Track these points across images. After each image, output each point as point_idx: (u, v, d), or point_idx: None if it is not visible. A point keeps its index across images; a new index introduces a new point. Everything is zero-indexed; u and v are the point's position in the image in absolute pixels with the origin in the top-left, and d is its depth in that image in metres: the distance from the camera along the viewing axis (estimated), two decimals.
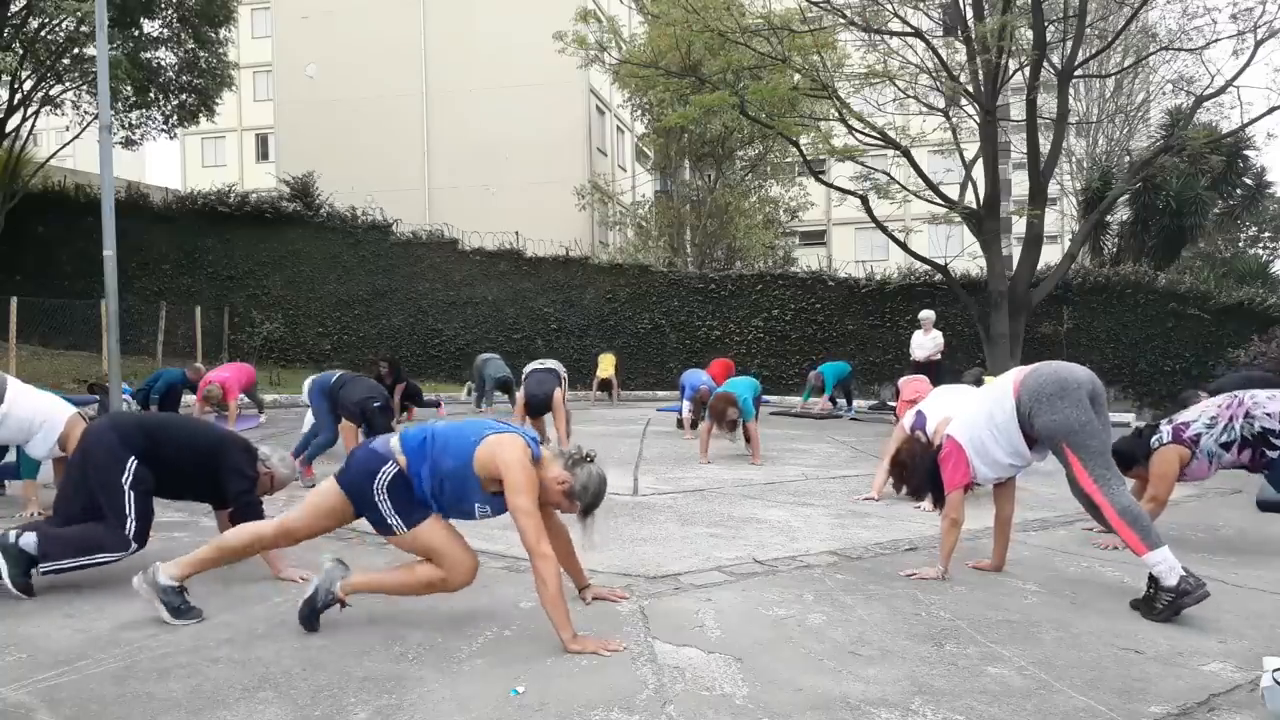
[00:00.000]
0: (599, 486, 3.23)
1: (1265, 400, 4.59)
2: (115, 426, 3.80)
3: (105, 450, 3.67)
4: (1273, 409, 4.53)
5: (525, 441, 3.17)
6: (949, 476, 4.05)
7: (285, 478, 4.06)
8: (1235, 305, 14.87)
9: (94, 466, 3.67)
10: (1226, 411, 4.62)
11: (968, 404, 4.24)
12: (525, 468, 3.08)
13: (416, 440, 3.20)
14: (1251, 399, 4.61)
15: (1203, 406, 4.77)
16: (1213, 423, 4.62)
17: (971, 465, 4.00)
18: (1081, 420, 3.68)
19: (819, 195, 26.25)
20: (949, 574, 4.04)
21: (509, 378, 12.00)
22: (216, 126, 28.67)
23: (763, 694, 2.68)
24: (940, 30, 14.73)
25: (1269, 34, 12.29)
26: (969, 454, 4.00)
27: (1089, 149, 25.12)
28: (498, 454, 3.09)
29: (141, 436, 3.74)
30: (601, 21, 17.53)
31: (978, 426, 4.01)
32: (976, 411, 4.08)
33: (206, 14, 16.94)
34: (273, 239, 18.47)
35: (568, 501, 3.20)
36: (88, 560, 3.58)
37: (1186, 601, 3.41)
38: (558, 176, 24.10)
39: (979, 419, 4.03)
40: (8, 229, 16.29)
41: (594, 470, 3.22)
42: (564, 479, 3.17)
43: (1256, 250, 26.10)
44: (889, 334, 16.48)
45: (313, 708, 2.56)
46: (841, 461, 8.30)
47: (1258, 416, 4.53)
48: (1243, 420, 4.56)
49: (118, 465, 3.63)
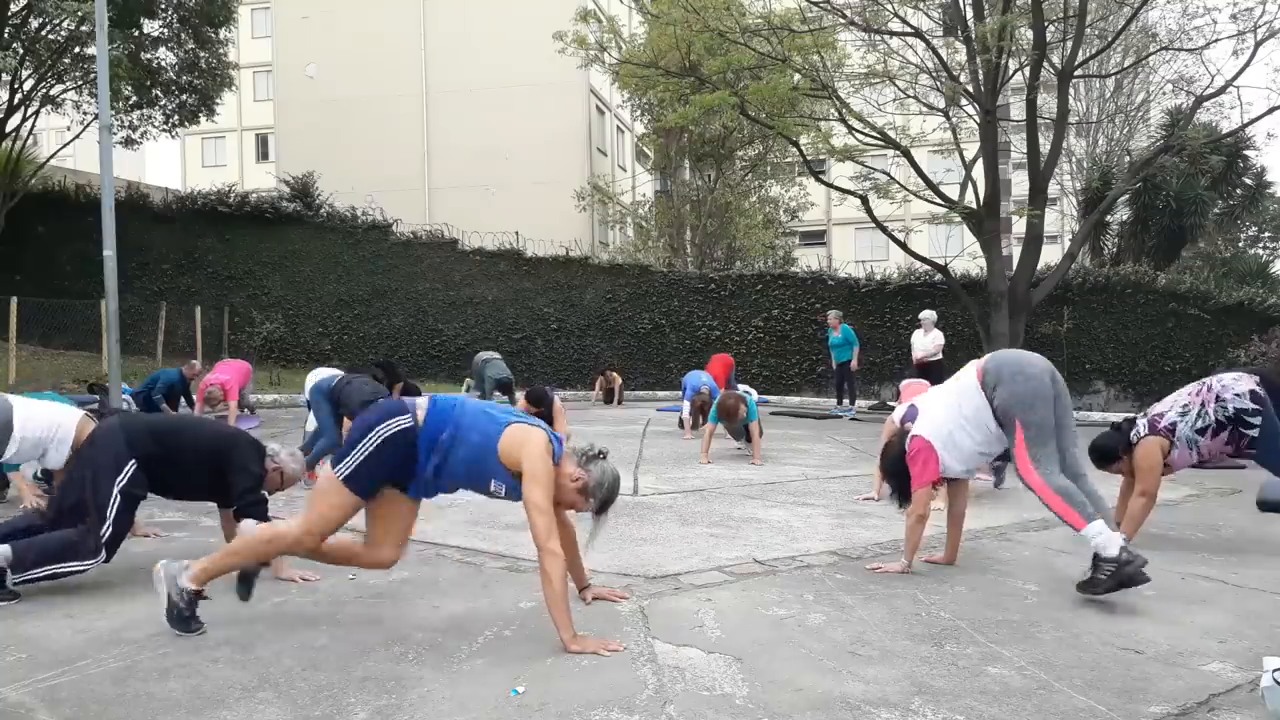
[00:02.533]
0: (613, 483, 3.23)
1: (1231, 382, 4.66)
2: (125, 427, 3.79)
3: (109, 449, 3.67)
4: (1241, 389, 4.60)
5: (549, 438, 3.17)
6: (917, 474, 4.08)
7: (295, 473, 4.05)
8: (1235, 305, 14.87)
9: (94, 463, 3.67)
10: (1197, 399, 4.70)
11: (934, 401, 4.27)
12: (546, 463, 3.08)
13: (447, 404, 3.21)
14: (1219, 382, 4.69)
15: (1174, 397, 4.86)
16: (1185, 410, 4.70)
17: (941, 461, 4.05)
18: (1038, 393, 3.80)
19: (819, 195, 26.24)
20: (911, 568, 4.13)
21: (509, 378, 12.01)
22: (216, 126, 28.68)
23: (763, 694, 2.68)
24: (940, 30, 14.73)
25: (1269, 34, 12.29)
26: (938, 450, 4.04)
27: (1089, 149, 25.11)
28: (523, 443, 3.09)
29: (150, 440, 3.73)
30: (601, 21, 17.54)
31: (946, 421, 4.06)
32: (943, 405, 4.13)
33: (206, 14, 16.94)
34: (273, 239, 18.47)
35: (582, 499, 3.19)
36: (58, 568, 3.53)
37: (1129, 570, 3.48)
38: (558, 176, 24.10)
39: (946, 413, 4.08)
40: (8, 229, 16.29)
41: (608, 468, 3.22)
42: (578, 475, 3.18)
43: (1256, 250, 26.10)
44: (889, 334, 16.47)
45: (313, 708, 2.56)
46: (841, 461, 8.30)
47: (1228, 399, 4.60)
48: (1214, 405, 4.63)
49: (116, 466, 3.63)
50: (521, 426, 3.16)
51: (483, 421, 3.16)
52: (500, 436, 3.12)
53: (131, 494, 3.65)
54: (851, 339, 13.92)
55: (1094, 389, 15.32)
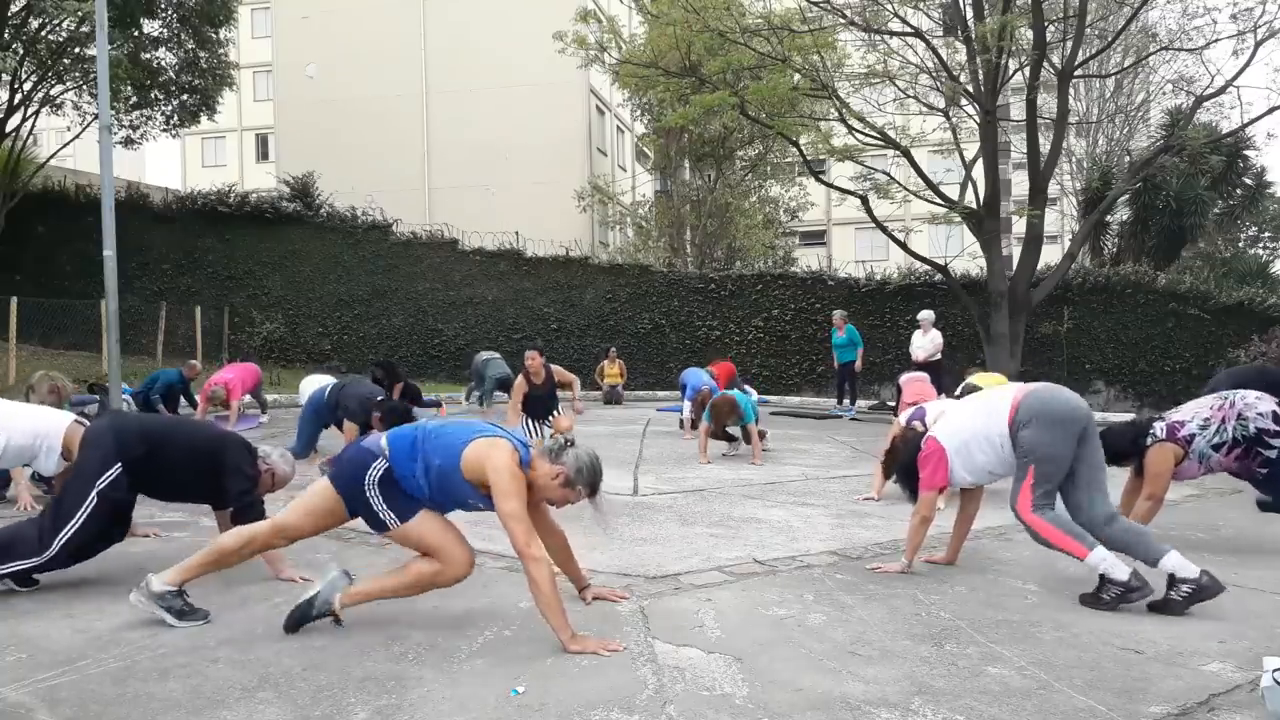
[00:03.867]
0: (593, 463, 3.21)
1: (1255, 401, 4.61)
2: (115, 430, 3.77)
3: (97, 451, 3.66)
4: (1264, 409, 4.56)
5: (513, 446, 3.16)
6: (926, 477, 4.07)
7: (286, 475, 4.06)
8: (1235, 305, 14.87)
9: (81, 465, 3.67)
10: (1219, 414, 4.63)
11: (961, 409, 4.24)
12: (512, 472, 3.07)
13: (406, 440, 3.20)
14: (1242, 400, 4.63)
15: (1195, 407, 4.78)
16: (1206, 424, 4.64)
17: (951, 469, 4.02)
18: (1061, 453, 3.73)
19: (819, 195, 26.24)
20: (911, 568, 4.12)
21: (509, 376, 12.00)
22: (216, 126, 28.66)
23: (763, 694, 2.68)
24: (940, 30, 14.72)
25: (1269, 34, 12.28)
26: (950, 457, 4.01)
27: (1089, 149, 25.12)
28: (484, 458, 3.09)
29: (139, 443, 3.71)
30: (601, 21, 17.53)
31: (966, 432, 4.01)
32: (969, 417, 4.08)
33: (206, 14, 16.94)
34: (273, 239, 18.47)
35: (570, 491, 3.17)
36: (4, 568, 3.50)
37: (1133, 597, 3.52)
38: (558, 177, 24.10)
39: (970, 425, 4.02)
40: (8, 229, 16.29)
41: (580, 452, 3.20)
42: (556, 471, 3.16)
43: (1256, 250, 26.10)
44: (889, 334, 16.47)
45: (313, 708, 2.56)
46: (841, 461, 8.30)
47: (1250, 418, 4.55)
48: (1235, 422, 4.58)
49: (101, 468, 3.60)
50: (482, 441, 3.15)
51: (445, 442, 3.17)
52: (461, 456, 3.12)
53: (110, 496, 3.59)
54: (856, 340, 13.91)
55: (1094, 389, 15.31)
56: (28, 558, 3.49)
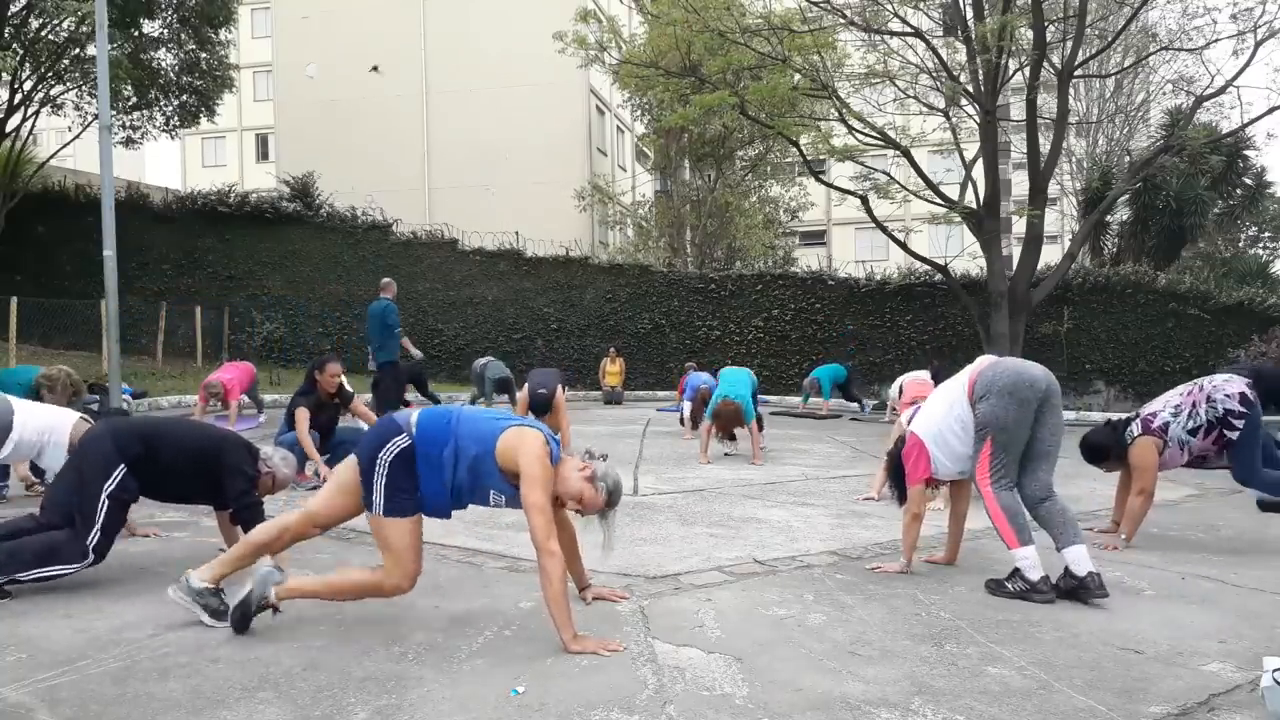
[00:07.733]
0: (618, 480, 3.26)
1: (1223, 383, 4.74)
2: (113, 433, 3.77)
3: (98, 455, 3.66)
4: (1231, 390, 4.68)
5: (546, 439, 3.17)
6: (909, 471, 4.09)
7: (286, 477, 4.05)
8: (1235, 305, 14.88)
9: (83, 467, 3.67)
10: (1189, 399, 4.77)
11: (932, 400, 4.27)
12: (544, 464, 3.08)
13: (441, 419, 3.18)
14: (1210, 383, 4.77)
15: (1166, 396, 4.92)
16: (1177, 411, 4.77)
17: (933, 460, 4.04)
18: (1016, 419, 3.75)
19: (819, 195, 26.24)
20: (911, 567, 4.13)
21: (509, 377, 12.02)
22: (216, 126, 28.68)
23: (763, 694, 2.68)
24: (940, 30, 14.72)
25: (1269, 34, 12.28)
26: (930, 448, 4.04)
27: (1089, 149, 25.13)
28: (520, 445, 3.08)
29: (138, 443, 3.72)
30: (601, 21, 17.52)
31: (940, 419, 4.05)
32: (941, 403, 4.11)
33: (206, 14, 16.96)
34: (273, 239, 18.48)
35: (590, 486, 3.16)
36: (45, 572, 3.53)
37: (1035, 598, 3.63)
38: (558, 177, 24.10)
39: (941, 412, 4.06)
40: (8, 229, 16.29)
41: (609, 467, 3.26)
42: (584, 465, 3.20)
43: (1256, 250, 26.10)
44: (889, 334, 16.48)
45: (313, 708, 2.55)
46: (841, 461, 8.30)
47: (1218, 399, 4.67)
48: (1205, 405, 4.70)
49: (105, 472, 3.61)
50: (517, 429, 3.16)
51: (479, 429, 3.16)
52: (497, 440, 3.11)
53: (120, 498, 3.63)
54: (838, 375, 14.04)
55: (1094, 389, 15.33)
56: (72, 562, 3.55)
